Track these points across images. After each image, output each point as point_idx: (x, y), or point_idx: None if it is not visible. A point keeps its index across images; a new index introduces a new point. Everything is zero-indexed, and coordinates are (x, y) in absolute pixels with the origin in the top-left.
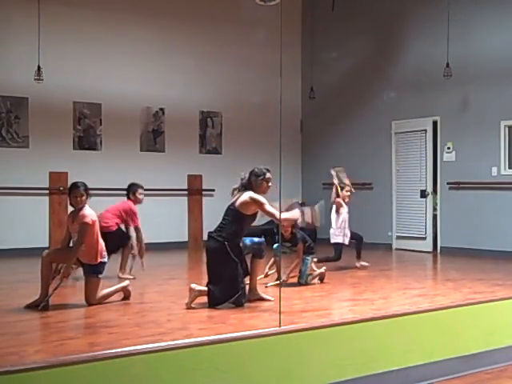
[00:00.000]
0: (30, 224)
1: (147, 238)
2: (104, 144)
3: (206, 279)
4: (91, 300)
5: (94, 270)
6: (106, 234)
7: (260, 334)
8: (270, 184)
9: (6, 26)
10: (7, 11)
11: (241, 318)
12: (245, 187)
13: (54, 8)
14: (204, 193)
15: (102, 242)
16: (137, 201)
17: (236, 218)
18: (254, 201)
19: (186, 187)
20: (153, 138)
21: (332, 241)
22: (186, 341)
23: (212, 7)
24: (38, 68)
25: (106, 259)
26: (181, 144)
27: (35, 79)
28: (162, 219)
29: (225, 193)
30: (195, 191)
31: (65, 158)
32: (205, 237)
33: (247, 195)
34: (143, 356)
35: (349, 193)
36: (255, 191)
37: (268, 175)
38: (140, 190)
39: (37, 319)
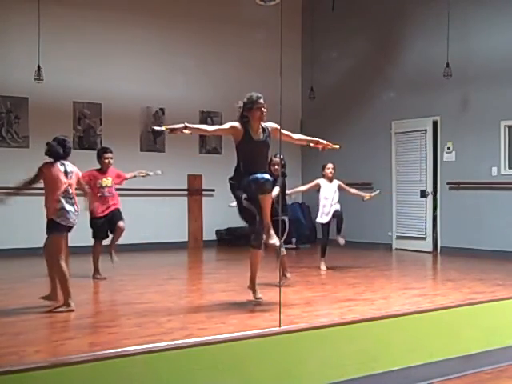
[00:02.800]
0: (30, 224)
1: (147, 238)
2: (104, 144)
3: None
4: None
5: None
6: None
7: (260, 333)
8: (264, 110)
9: (6, 26)
10: (7, 11)
11: (241, 317)
12: (241, 119)
13: (54, 8)
14: (204, 193)
15: None
16: (104, 165)
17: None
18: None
19: (186, 187)
20: (153, 138)
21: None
22: (186, 341)
23: (212, 7)
24: (38, 68)
25: None
26: (181, 144)
27: (35, 79)
28: (162, 219)
29: (225, 193)
30: (195, 191)
31: None
32: (205, 237)
33: None
34: (143, 356)
35: (330, 169)
36: (251, 122)
37: (259, 101)
38: (106, 155)
39: (37, 319)
